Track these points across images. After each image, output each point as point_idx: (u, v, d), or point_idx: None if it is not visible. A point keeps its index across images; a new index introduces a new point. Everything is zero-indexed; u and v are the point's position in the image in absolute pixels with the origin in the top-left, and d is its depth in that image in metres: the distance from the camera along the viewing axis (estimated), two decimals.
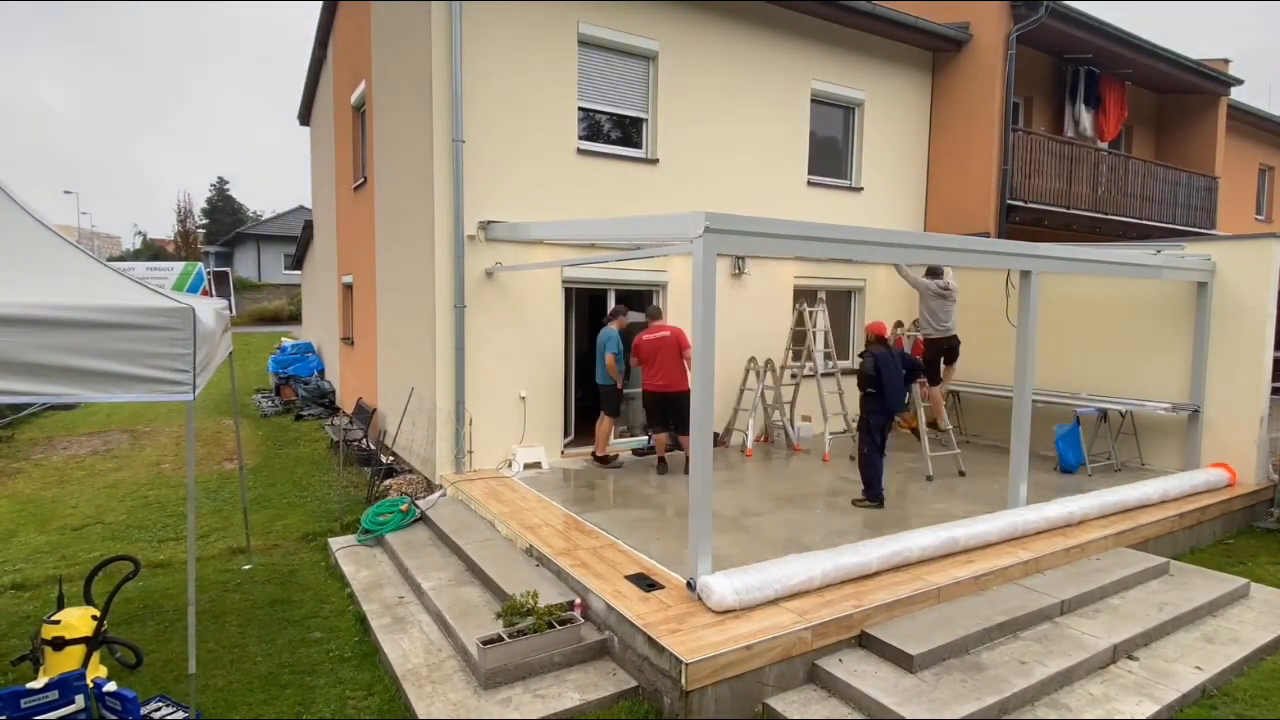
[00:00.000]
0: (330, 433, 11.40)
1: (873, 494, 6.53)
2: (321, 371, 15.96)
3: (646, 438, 8.97)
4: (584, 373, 8.86)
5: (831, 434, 8.95)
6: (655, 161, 8.74)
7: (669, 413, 7.50)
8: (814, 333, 9.08)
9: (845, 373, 9.88)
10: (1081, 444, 8.05)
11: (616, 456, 8.14)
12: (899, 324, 9.72)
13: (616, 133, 8.72)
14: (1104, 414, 8.23)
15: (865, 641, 4.38)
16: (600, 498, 6.96)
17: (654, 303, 8.62)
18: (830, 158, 10.54)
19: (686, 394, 6.58)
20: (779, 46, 9.60)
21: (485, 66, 7.50)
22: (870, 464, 6.52)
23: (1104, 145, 12.75)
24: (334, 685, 4.37)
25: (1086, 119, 12.51)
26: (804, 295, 10.24)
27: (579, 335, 8.75)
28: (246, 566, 6.27)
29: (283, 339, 19.31)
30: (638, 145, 8.81)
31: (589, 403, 8.82)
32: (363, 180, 10.86)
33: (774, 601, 4.44)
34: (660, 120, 8.74)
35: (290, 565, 6.37)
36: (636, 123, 8.80)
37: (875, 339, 6.84)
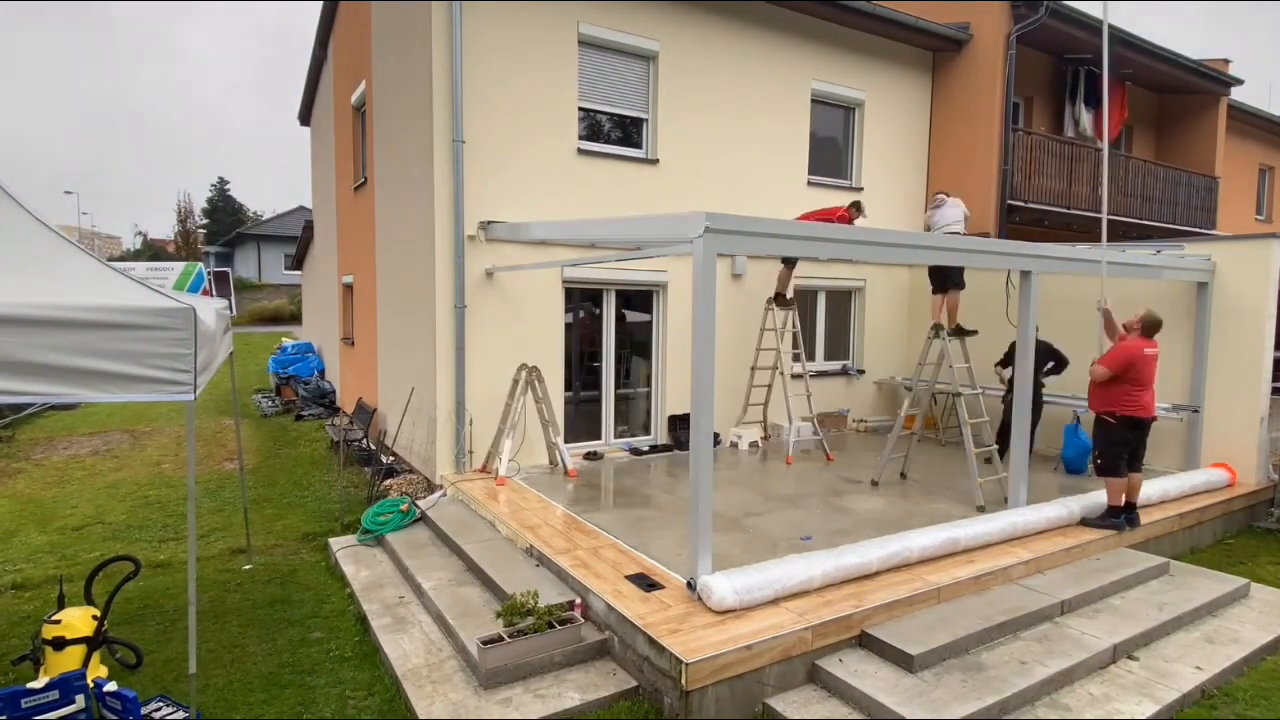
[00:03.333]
0: (330, 433, 11.40)
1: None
2: (322, 371, 15.97)
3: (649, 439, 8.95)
4: (586, 371, 8.85)
5: (796, 438, 8.74)
6: (655, 161, 8.74)
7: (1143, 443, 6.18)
8: (780, 333, 8.78)
9: (816, 374, 9.85)
10: (1085, 439, 8.01)
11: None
12: None
13: (617, 133, 8.72)
14: None
15: (865, 641, 4.38)
16: (601, 498, 6.97)
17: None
18: (830, 158, 10.54)
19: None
20: (779, 46, 9.60)
21: (485, 66, 7.50)
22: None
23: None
24: (334, 685, 4.38)
25: (1086, 119, 12.51)
26: (803, 295, 10.25)
27: (579, 335, 8.74)
28: (247, 566, 6.28)
29: (283, 339, 19.33)
30: (638, 145, 8.81)
31: (589, 402, 8.82)
32: (363, 180, 10.86)
33: (774, 601, 4.44)
34: (660, 120, 8.74)
35: (290, 565, 6.37)
36: (637, 123, 8.80)
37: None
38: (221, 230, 48.43)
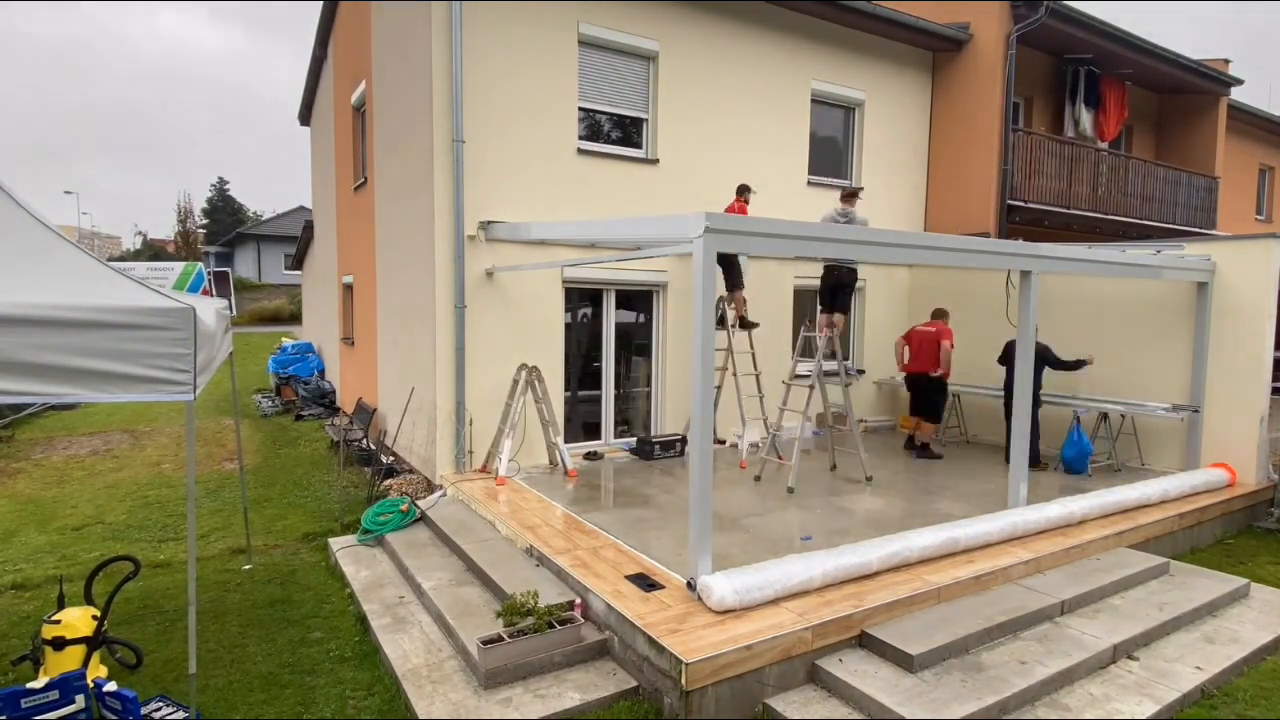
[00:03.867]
0: (330, 433, 11.40)
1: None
2: (322, 371, 15.96)
3: (635, 439, 8.86)
4: (586, 372, 8.85)
5: (751, 442, 8.42)
6: (655, 161, 8.74)
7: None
8: (732, 332, 8.49)
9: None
10: (1087, 441, 8.01)
11: None
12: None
13: (617, 133, 8.72)
14: (1104, 415, 8.23)
15: (865, 641, 4.38)
16: (600, 498, 6.97)
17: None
18: (830, 158, 10.54)
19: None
20: (779, 46, 9.61)
21: (485, 66, 7.51)
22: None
23: (1104, 145, 12.75)
24: (334, 685, 4.38)
25: (1086, 119, 12.51)
26: (804, 295, 10.25)
27: (579, 335, 8.74)
28: (247, 566, 6.28)
29: (283, 339, 19.31)
30: (638, 145, 8.81)
31: (589, 402, 8.82)
32: (363, 180, 10.86)
33: (774, 601, 4.44)
34: (660, 120, 8.74)
35: (290, 565, 6.37)
36: (637, 123, 8.80)
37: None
38: (221, 230, 48.41)
